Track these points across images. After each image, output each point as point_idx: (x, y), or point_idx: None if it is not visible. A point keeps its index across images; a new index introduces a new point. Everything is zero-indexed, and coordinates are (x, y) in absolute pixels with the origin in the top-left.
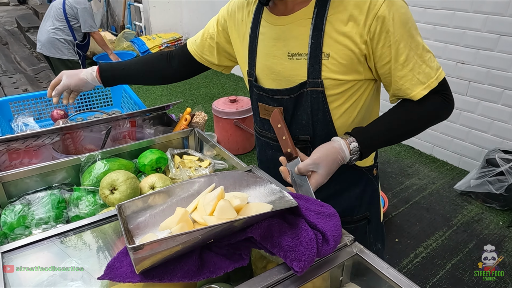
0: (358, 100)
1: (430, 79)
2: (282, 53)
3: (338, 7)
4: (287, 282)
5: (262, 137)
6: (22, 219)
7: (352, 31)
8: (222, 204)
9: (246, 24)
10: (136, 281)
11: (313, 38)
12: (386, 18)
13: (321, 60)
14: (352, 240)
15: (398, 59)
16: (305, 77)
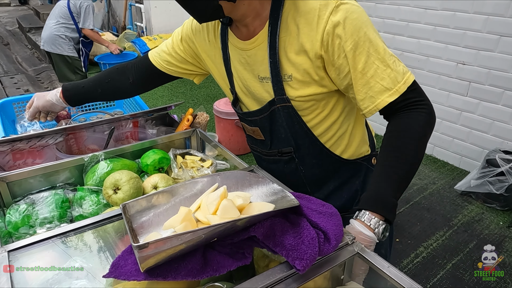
0: (334, 108)
1: (397, 84)
2: (253, 76)
3: (288, 26)
4: (289, 280)
5: (254, 151)
6: (27, 218)
7: (305, 48)
8: (225, 203)
9: (215, 45)
10: (140, 279)
11: (271, 58)
12: (336, 27)
13: (283, 81)
14: (352, 239)
15: (357, 67)
16: (272, 96)
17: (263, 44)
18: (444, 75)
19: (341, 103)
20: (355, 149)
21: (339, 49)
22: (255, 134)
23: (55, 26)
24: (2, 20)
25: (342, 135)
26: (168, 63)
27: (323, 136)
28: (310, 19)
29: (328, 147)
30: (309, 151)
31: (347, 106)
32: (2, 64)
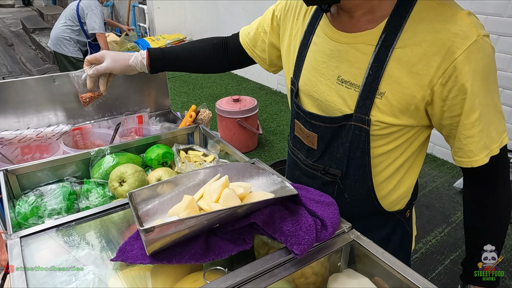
0: (404, 143)
1: (494, 144)
2: (332, 75)
3: (410, 39)
4: (288, 265)
5: (293, 155)
6: (36, 209)
7: (421, 73)
8: (227, 192)
9: (300, 25)
10: (146, 262)
11: (372, 70)
12: (467, 66)
13: (374, 97)
14: (349, 227)
15: (470, 117)
16: (352, 110)
17: (364, 46)
18: None
19: (415, 141)
20: (396, 199)
21: (460, 90)
22: (307, 140)
23: (62, 27)
24: (6, 21)
25: (394, 176)
26: (254, 45)
27: (377, 169)
28: (440, 41)
29: (375, 185)
30: (356, 185)
31: (416, 149)
32: (7, 64)
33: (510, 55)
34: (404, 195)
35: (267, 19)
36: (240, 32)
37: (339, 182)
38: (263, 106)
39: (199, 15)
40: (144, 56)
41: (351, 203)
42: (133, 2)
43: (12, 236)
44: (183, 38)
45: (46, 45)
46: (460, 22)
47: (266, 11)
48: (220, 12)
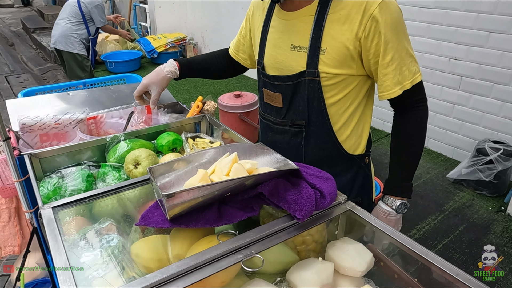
0: (351, 93)
1: (406, 80)
2: (286, 45)
3: (337, 6)
4: (291, 229)
5: (264, 120)
6: (58, 189)
7: (348, 29)
8: (237, 166)
9: (260, 18)
10: (166, 226)
11: (314, 33)
12: (380, 19)
13: (319, 54)
14: (345, 199)
15: (385, 58)
16: (304, 67)
17: (306, 17)
18: (437, 70)
19: (359, 91)
20: (355, 142)
21: (378, 38)
22: (274, 101)
23: (66, 24)
24: (6, 21)
25: (349, 122)
26: (237, 50)
27: (334, 117)
28: (357, 4)
29: (335, 130)
30: (318, 130)
31: (363, 97)
32: (8, 64)
33: (501, 51)
34: (362, 139)
35: (243, 25)
36: (230, 46)
37: (304, 131)
38: None
39: (200, 15)
40: (176, 66)
41: (316, 147)
42: (134, 1)
43: (45, 206)
44: (184, 37)
45: (48, 45)
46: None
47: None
48: (221, 11)
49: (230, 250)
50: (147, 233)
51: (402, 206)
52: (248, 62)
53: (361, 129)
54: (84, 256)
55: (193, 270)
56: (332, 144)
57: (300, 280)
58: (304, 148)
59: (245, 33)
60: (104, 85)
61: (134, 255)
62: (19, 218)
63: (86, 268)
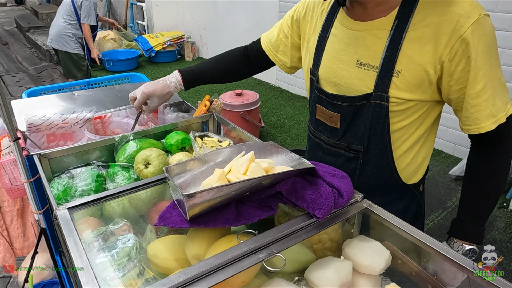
0: (418, 119)
1: (500, 113)
2: (351, 60)
3: (420, 22)
4: (309, 228)
5: (315, 138)
6: (68, 190)
7: (431, 51)
8: (254, 165)
9: (317, 21)
10: (185, 226)
11: (388, 52)
12: (471, 41)
13: (392, 76)
14: (362, 197)
15: (475, 87)
16: (371, 89)
17: (379, 31)
18: None
19: (428, 116)
20: (413, 171)
21: (466, 63)
22: (331, 121)
23: (62, 23)
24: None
25: (411, 150)
26: (276, 50)
27: (396, 144)
28: (446, 22)
29: (395, 158)
30: (376, 159)
31: (432, 123)
32: (3, 63)
33: (502, 49)
34: (420, 167)
35: (286, 24)
36: (261, 39)
37: (361, 157)
38: (263, 101)
39: (197, 13)
40: (180, 81)
41: (372, 176)
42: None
43: (61, 207)
44: (181, 36)
45: (43, 44)
46: (462, 5)
47: (284, 17)
48: (219, 9)
49: (251, 249)
50: (160, 233)
51: (471, 252)
52: (287, 65)
53: (422, 157)
54: (102, 257)
55: (216, 270)
56: (389, 173)
57: (319, 279)
58: (357, 176)
59: (290, 34)
60: (109, 85)
61: (151, 255)
62: (22, 220)
63: (105, 269)
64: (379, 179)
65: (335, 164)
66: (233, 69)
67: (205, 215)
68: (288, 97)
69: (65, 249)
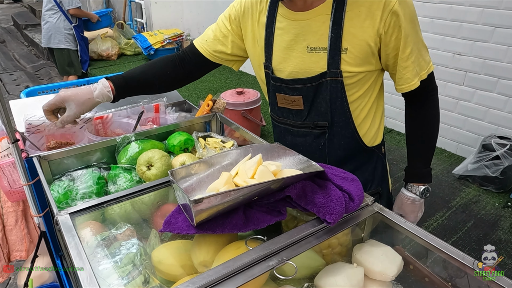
0: (370, 87)
1: (422, 71)
2: (301, 47)
3: (354, 3)
4: (320, 233)
5: (281, 124)
6: (69, 193)
7: (370, 26)
8: (262, 168)
9: (260, 18)
10: (192, 232)
11: (333, 32)
12: (399, 13)
13: (340, 53)
14: (372, 201)
15: (405, 51)
16: (324, 68)
17: (321, 16)
18: (441, 65)
19: (376, 84)
20: (373, 135)
21: (398, 32)
22: (294, 104)
23: (48, 18)
24: None
25: (368, 116)
26: (215, 50)
27: (355, 113)
28: (377, 1)
29: (356, 126)
30: (341, 130)
31: (379, 89)
32: (0, 61)
33: (506, 46)
34: (379, 130)
35: (223, 24)
36: (195, 43)
37: (327, 132)
38: (264, 99)
39: (196, 10)
40: (109, 88)
41: (340, 148)
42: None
43: (62, 212)
44: (180, 33)
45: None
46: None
47: (218, 19)
48: (218, 6)
49: (261, 256)
50: (165, 238)
51: (425, 191)
52: (234, 63)
53: (378, 120)
54: (105, 263)
55: (225, 278)
56: (355, 142)
57: (330, 285)
58: (327, 150)
59: (229, 33)
60: None
61: (157, 262)
62: (26, 221)
63: (109, 276)
64: (347, 149)
65: (304, 144)
66: (168, 73)
67: (212, 220)
68: None
69: (67, 255)
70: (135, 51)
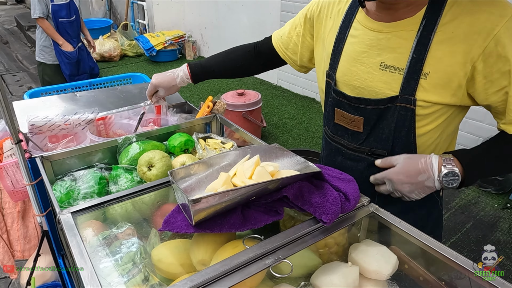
0: (445, 122)
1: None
2: (374, 62)
3: (450, 22)
4: (316, 233)
5: (333, 142)
6: (71, 192)
7: (462, 52)
8: (260, 169)
9: (334, 22)
10: (191, 231)
11: (415, 53)
12: (506, 39)
13: (419, 78)
14: (368, 201)
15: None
16: (396, 92)
17: (405, 32)
18: None
19: (454, 120)
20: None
21: (504, 62)
22: (352, 124)
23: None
24: (0, 19)
25: (435, 152)
26: (287, 47)
27: (420, 148)
28: (478, 21)
29: None
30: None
31: (454, 127)
32: (3, 62)
33: None
34: None
35: (299, 22)
36: (272, 36)
37: None
38: (264, 100)
39: (198, 12)
40: (188, 76)
41: None
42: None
43: (64, 212)
44: (182, 35)
45: None
46: (494, 3)
47: (297, 15)
48: (220, 8)
49: (258, 255)
50: (165, 237)
51: (453, 180)
52: (297, 64)
53: None
54: (106, 262)
55: (222, 276)
56: None
57: (326, 284)
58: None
59: (302, 32)
60: (111, 85)
61: (156, 260)
62: (23, 223)
63: (110, 274)
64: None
65: (356, 169)
66: (242, 64)
67: (211, 220)
68: (289, 96)
69: (68, 253)
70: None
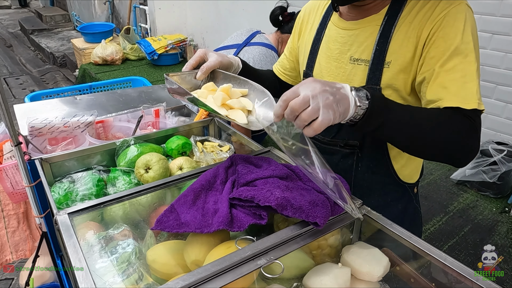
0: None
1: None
2: (345, 57)
3: (407, 14)
4: (307, 235)
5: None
6: (69, 194)
7: (414, 36)
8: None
9: (313, 25)
10: (181, 231)
11: (378, 45)
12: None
13: (383, 68)
14: (361, 203)
15: (445, 65)
16: (363, 83)
17: (370, 27)
18: None
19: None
20: (411, 171)
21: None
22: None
23: None
24: (4, 23)
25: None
26: (284, 69)
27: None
28: (429, 10)
29: (391, 156)
30: (372, 153)
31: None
32: (7, 65)
33: (503, 53)
34: (417, 169)
35: (291, 40)
36: (274, 67)
37: (357, 152)
38: None
39: (199, 16)
40: (239, 63)
41: (369, 171)
42: (134, 3)
43: (61, 212)
44: (184, 39)
45: (46, 46)
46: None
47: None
48: (221, 12)
49: (249, 256)
50: (160, 238)
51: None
52: (298, 79)
53: (418, 159)
54: (101, 262)
55: (214, 276)
56: (385, 168)
57: (317, 285)
58: (354, 172)
59: (292, 47)
60: (110, 89)
61: (151, 261)
62: (28, 222)
63: (105, 274)
64: (376, 173)
65: (331, 161)
66: (272, 86)
67: (200, 220)
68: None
69: (65, 254)
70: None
